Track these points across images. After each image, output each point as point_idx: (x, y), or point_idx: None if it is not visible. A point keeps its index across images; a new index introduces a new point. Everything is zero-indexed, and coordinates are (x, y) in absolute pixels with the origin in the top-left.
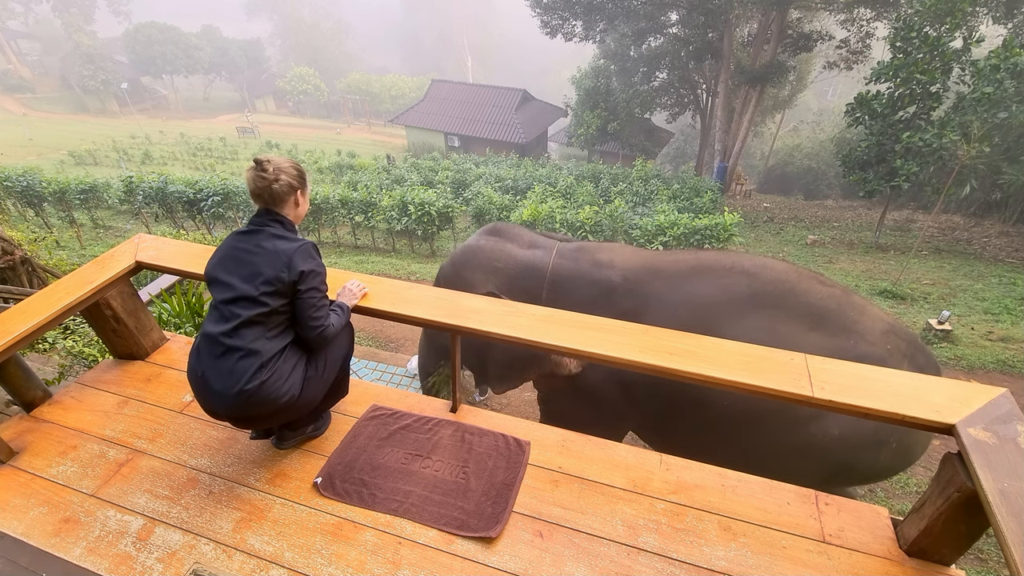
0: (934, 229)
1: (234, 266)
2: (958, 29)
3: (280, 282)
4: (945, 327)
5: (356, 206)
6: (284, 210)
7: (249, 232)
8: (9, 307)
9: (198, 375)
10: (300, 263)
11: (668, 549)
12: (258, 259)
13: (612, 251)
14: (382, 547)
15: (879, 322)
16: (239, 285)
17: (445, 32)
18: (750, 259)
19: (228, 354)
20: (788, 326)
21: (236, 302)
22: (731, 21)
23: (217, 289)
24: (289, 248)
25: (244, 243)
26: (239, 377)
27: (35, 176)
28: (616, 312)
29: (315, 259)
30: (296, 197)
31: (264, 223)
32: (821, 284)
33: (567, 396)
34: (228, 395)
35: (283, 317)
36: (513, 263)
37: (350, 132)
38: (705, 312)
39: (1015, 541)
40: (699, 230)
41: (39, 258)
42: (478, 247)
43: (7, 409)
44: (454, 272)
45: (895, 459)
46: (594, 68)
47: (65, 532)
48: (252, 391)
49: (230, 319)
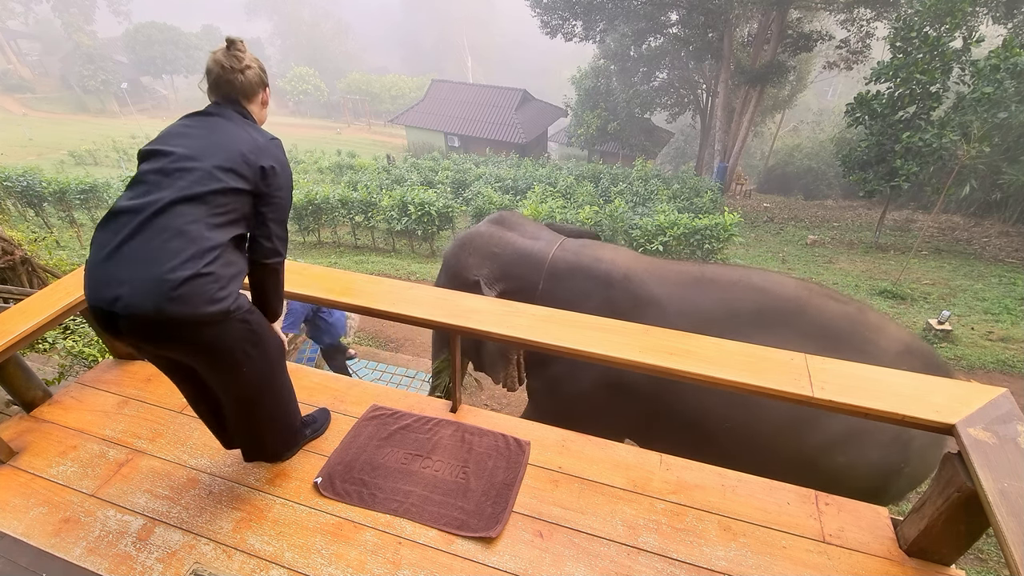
0: (934, 229)
1: (185, 140)
2: (958, 29)
3: (247, 165)
4: (945, 327)
5: (356, 206)
6: (251, 107)
7: (208, 114)
8: (9, 307)
9: (99, 260)
10: (277, 156)
11: (668, 549)
12: (222, 137)
13: (616, 251)
14: (382, 547)
15: (895, 342)
16: (188, 153)
17: (445, 32)
18: (760, 274)
19: (152, 233)
20: (796, 346)
21: (177, 173)
22: (731, 21)
23: (152, 160)
24: (262, 138)
25: (202, 125)
26: (164, 262)
27: (35, 176)
28: (610, 308)
29: (283, 154)
30: (263, 95)
31: (227, 112)
32: (835, 302)
33: (557, 393)
34: (143, 284)
35: (235, 205)
36: (511, 250)
37: (350, 132)
38: (705, 326)
39: (1015, 541)
40: (699, 230)
41: (39, 258)
42: (479, 232)
43: (7, 409)
44: (453, 254)
45: (908, 484)
46: (594, 68)
47: (65, 532)
48: (177, 282)
49: (164, 188)
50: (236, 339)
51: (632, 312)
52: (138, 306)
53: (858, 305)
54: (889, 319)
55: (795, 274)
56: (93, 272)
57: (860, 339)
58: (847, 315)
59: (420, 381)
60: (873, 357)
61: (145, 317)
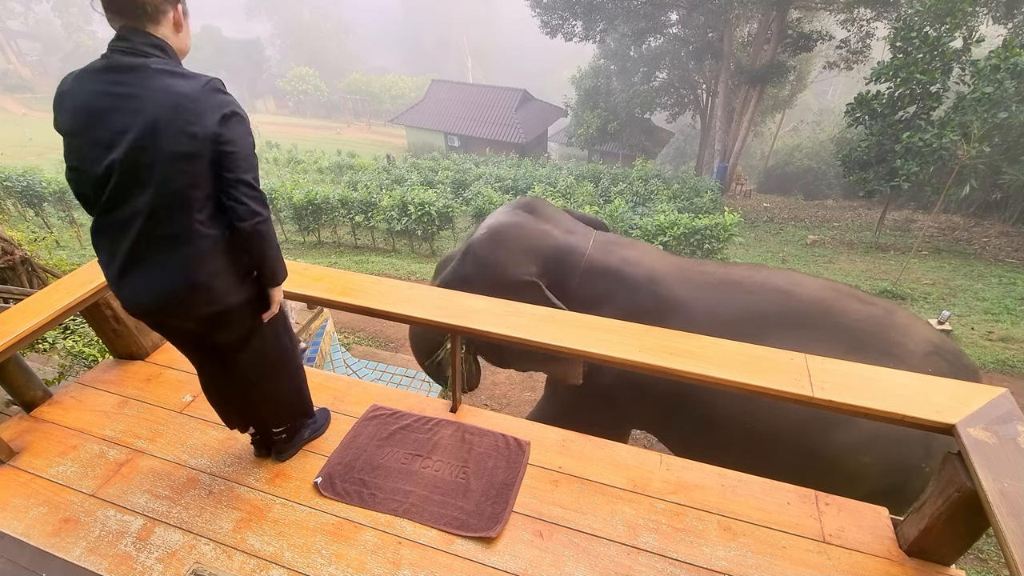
0: (934, 229)
1: (101, 127)
2: (958, 29)
3: (185, 134)
4: (945, 327)
5: (356, 206)
6: (160, 31)
7: (119, 69)
8: (9, 307)
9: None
10: (213, 109)
11: (668, 549)
12: (140, 104)
13: (642, 251)
14: (382, 547)
15: (923, 343)
16: (117, 171)
17: (445, 32)
18: (784, 276)
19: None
20: (821, 349)
21: (125, 217)
22: (731, 21)
23: (92, 198)
24: (192, 86)
25: (116, 86)
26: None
27: (35, 176)
28: (637, 312)
29: (229, 96)
30: (174, 14)
31: (138, 48)
32: (861, 303)
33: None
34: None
35: (197, 182)
36: (554, 246)
37: (350, 132)
38: (727, 329)
39: (1015, 541)
40: (699, 230)
41: (39, 258)
42: (518, 224)
43: (7, 409)
44: (490, 251)
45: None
46: (594, 68)
47: (65, 532)
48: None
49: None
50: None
51: (657, 316)
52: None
53: (885, 305)
54: (917, 319)
55: None
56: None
57: (886, 340)
58: (873, 317)
59: (420, 381)
60: (900, 359)
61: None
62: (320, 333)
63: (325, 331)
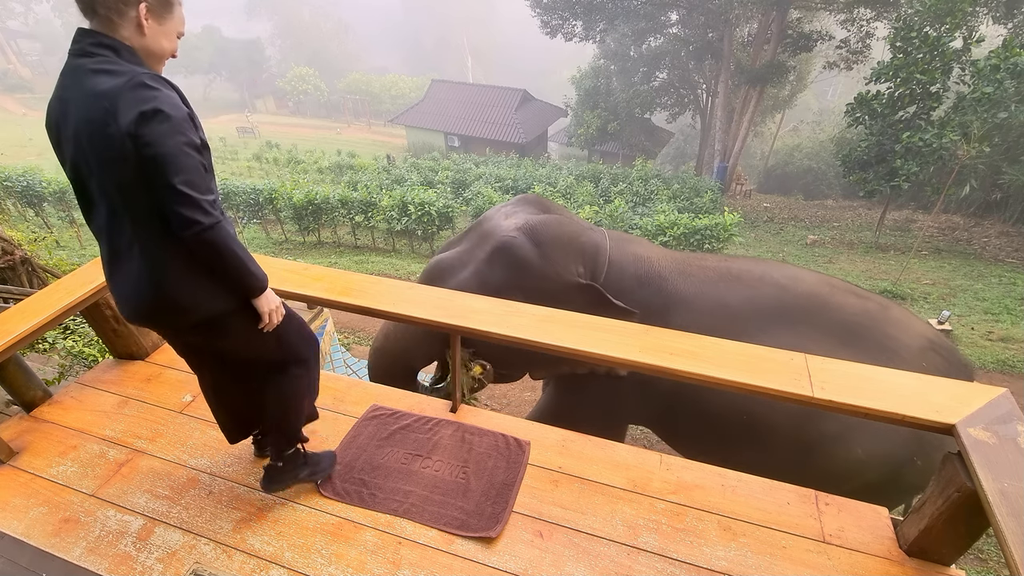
0: (934, 229)
1: (57, 135)
2: (958, 29)
3: (110, 140)
4: (945, 327)
5: (356, 206)
6: (120, 32)
7: (65, 73)
8: (9, 307)
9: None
10: (129, 106)
11: (668, 549)
12: (71, 108)
13: (648, 248)
14: (382, 547)
15: (918, 338)
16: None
17: (445, 32)
18: (781, 269)
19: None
20: (817, 342)
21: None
22: (731, 21)
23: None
24: (112, 85)
25: (62, 91)
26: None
27: (35, 176)
28: (648, 309)
29: (157, 91)
30: (137, 14)
31: (85, 50)
32: (857, 297)
33: (587, 385)
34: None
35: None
36: (592, 244)
37: (350, 132)
38: (729, 322)
39: (1015, 541)
40: (699, 230)
41: (39, 258)
42: (557, 221)
43: (7, 409)
44: (539, 252)
45: (923, 479)
46: (594, 68)
47: (65, 532)
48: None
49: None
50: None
51: (663, 312)
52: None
53: (880, 300)
54: (912, 315)
55: None
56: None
57: (881, 335)
58: (868, 311)
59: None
60: (895, 353)
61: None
62: (320, 333)
63: (325, 331)
